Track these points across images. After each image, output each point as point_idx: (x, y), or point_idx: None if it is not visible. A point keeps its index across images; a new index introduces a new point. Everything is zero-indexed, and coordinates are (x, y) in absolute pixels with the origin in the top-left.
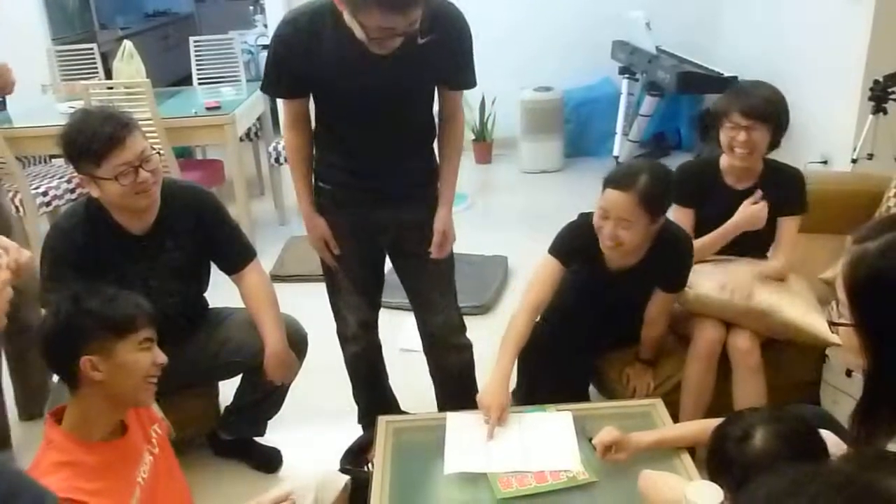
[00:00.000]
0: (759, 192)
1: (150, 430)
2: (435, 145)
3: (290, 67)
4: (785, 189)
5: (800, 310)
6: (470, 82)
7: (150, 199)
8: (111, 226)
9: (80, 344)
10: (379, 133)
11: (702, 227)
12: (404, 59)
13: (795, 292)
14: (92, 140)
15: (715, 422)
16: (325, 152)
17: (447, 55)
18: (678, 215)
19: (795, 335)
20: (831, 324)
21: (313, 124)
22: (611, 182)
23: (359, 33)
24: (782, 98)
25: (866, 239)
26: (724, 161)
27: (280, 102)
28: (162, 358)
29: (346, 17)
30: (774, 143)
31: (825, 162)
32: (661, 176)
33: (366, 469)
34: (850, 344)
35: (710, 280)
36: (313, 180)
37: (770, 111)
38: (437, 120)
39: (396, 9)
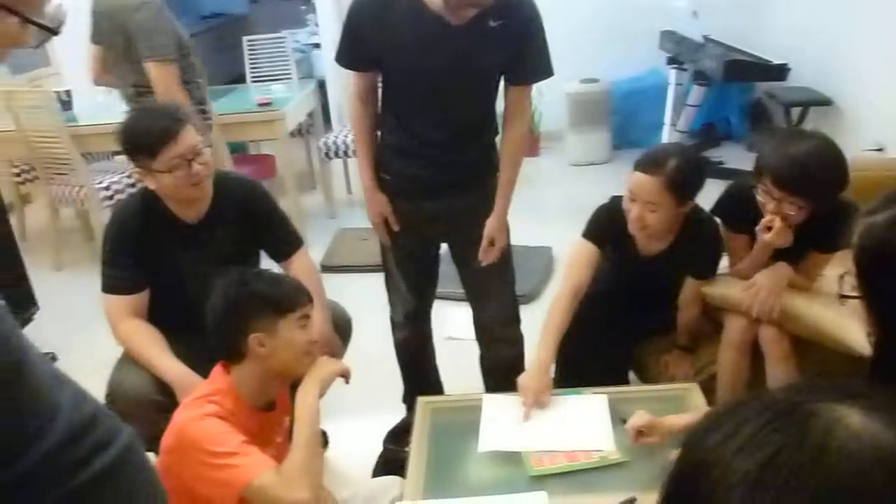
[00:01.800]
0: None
1: (285, 419)
2: (497, 141)
3: (361, 37)
4: (832, 226)
5: (830, 316)
6: (533, 73)
7: (202, 191)
8: (165, 215)
9: (248, 322)
10: (439, 116)
11: None
12: (472, 40)
13: (830, 294)
14: (147, 135)
15: None
16: (388, 137)
17: (513, 43)
18: (732, 242)
19: (825, 341)
20: (840, 296)
21: (380, 106)
22: (640, 165)
23: None
24: (829, 162)
25: (875, 212)
26: None
27: (351, 78)
28: (316, 335)
29: None
30: (821, 208)
31: (881, 149)
32: (691, 161)
33: (406, 450)
34: (861, 316)
35: (738, 281)
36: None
37: (805, 186)
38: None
39: None
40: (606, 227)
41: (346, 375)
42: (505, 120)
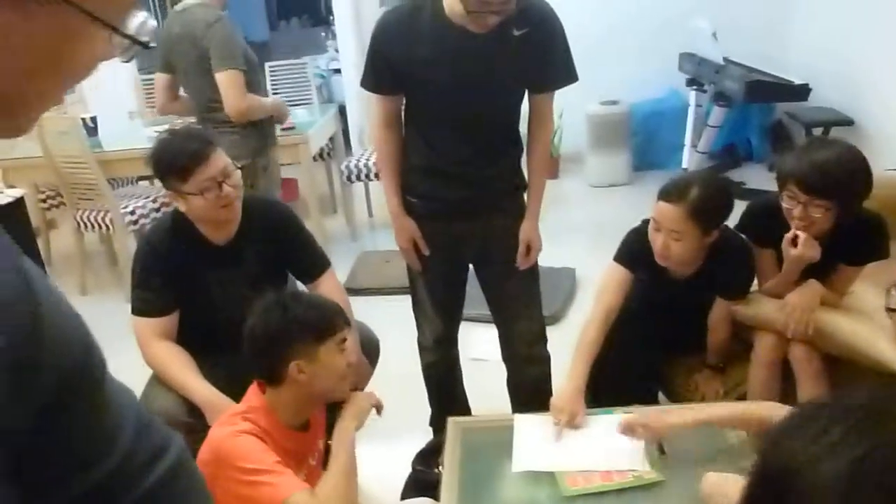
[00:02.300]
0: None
1: (319, 442)
2: (523, 160)
3: (387, 58)
4: (861, 239)
5: (864, 334)
6: (558, 79)
7: (232, 212)
8: (195, 237)
9: (289, 349)
10: (466, 132)
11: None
12: (497, 50)
13: (864, 311)
14: (178, 158)
15: (748, 405)
16: (414, 157)
17: (537, 50)
18: (759, 258)
19: (859, 360)
20: (888, 309)
21: (404, 129)
22: (663, 194)
23: (456, 8)
24: (853, 164)
25: None
26: None
27: (374, 104)
28: (353, 358)
29: None
30: (847, 213)
31: None
32: (715, 189)
33: (436, 471)
34: None
35: (769, 299)
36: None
37: (829, 186)
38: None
39: None
40: (637, 250)
41: (379, 408)
42: (531, 127)
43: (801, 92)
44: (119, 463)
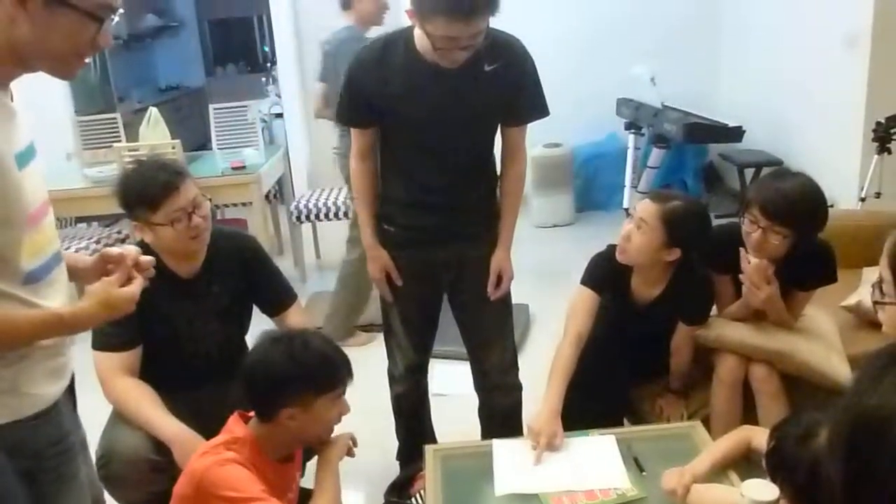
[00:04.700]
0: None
1: (297, 475)
2: (498, 190)
3: (362, 91)
4: (813, 266)
5: (820, 354)
6: (530, 114)
7: (201, 244)
8: (161, 269)
9: (285, 395)
10: (440, 162)
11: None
12: (468, 86)
13: (817, 333)
14: (148, 187)
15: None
16: (390, 188)
17: (509, 85)
18: (718, 284)
19: (815, 379)
20: (875, 303)
21: (380, 160)
22: (649, 194)
23: (426, 44)
24: (814, 196)
25: None
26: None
27: (351, 137)
28: (347, 409)
29: (416, 32)
30: (803, 243)
31: (831, 205)
32: (693, 211)
33: (412, 501)
34: (893, 323)
35: (730, 322)
36: (378, 223)
37: (790, 214)
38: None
39: (460, 17)
40: (603, 273)
41: (353, 444)
42: (503, 159)
43: (736, 134)
44: None
